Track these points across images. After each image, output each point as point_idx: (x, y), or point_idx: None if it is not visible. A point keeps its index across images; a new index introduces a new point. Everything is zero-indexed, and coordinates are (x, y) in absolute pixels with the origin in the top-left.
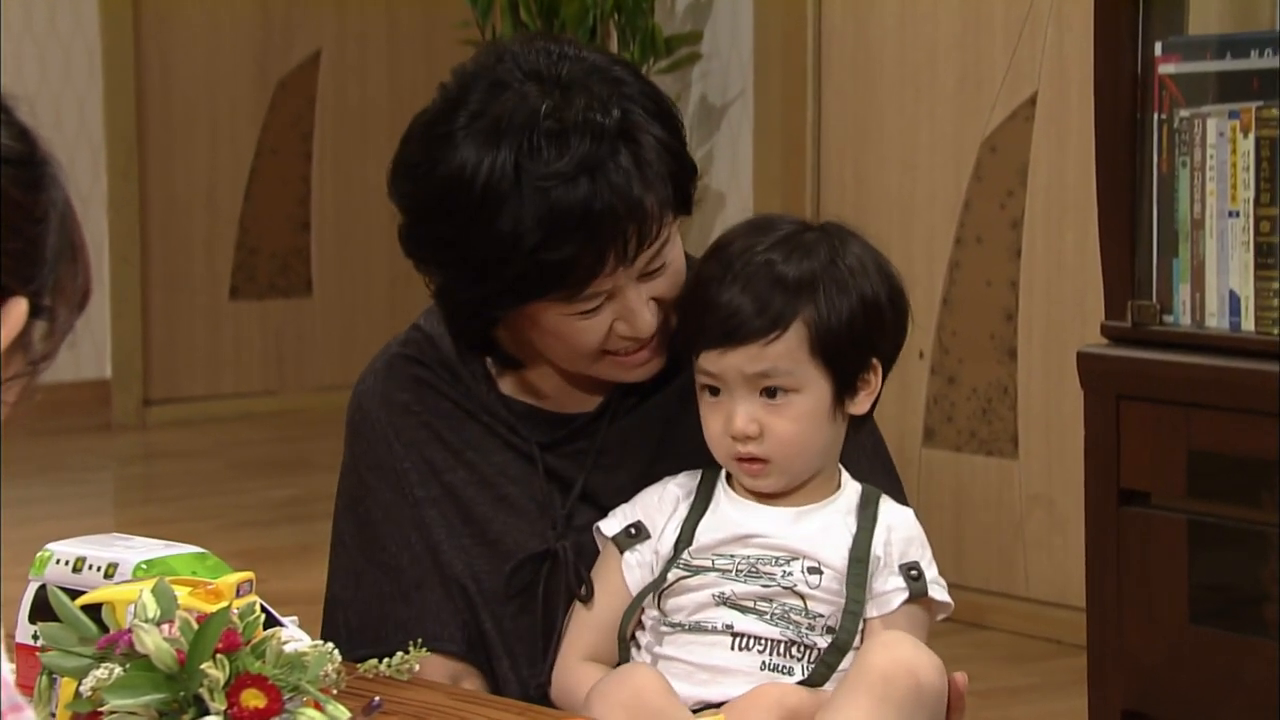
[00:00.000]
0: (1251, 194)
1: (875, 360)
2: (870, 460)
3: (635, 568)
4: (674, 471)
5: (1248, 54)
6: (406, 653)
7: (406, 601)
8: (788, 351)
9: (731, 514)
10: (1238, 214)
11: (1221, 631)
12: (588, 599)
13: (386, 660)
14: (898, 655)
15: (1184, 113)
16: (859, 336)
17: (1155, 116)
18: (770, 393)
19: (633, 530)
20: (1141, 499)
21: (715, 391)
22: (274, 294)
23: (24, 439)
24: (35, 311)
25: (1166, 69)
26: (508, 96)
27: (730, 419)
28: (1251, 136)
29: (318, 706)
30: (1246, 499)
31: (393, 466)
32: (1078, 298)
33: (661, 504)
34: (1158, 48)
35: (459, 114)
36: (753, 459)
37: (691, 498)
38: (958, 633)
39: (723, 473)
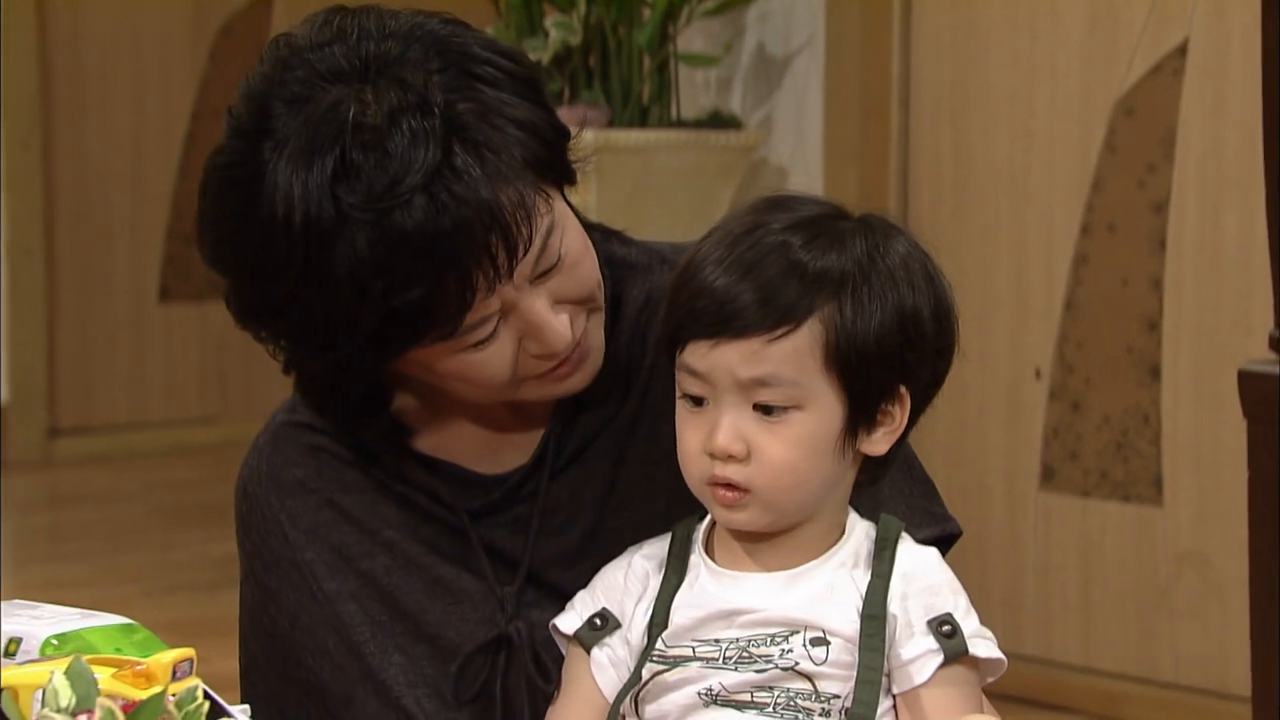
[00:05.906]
0: None
1: (904, 389)
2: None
3: (608, 667)
4: (627, 524)
5: None
6: None
7: None
8: (795, 355)
9: (711, 588)
10: None
11: None
12: (555, 697)
13: None
14: None
15: None
16: (889, 353)
17: None
18: (766, 409)
19: (598, 621)
20: None
21: (699, 402)
22: (214, 295)
23: None
24: None
25: None
26: (311, 110)
27: (712, 433)
28: None
29: None
30: None
31: (292, 560)
32: (1239, 301)
33: (629, 584)
34: None
35: (262, 147)
36: (730, 485)
37: (664, 570)
38: None
39: (699, 534)
